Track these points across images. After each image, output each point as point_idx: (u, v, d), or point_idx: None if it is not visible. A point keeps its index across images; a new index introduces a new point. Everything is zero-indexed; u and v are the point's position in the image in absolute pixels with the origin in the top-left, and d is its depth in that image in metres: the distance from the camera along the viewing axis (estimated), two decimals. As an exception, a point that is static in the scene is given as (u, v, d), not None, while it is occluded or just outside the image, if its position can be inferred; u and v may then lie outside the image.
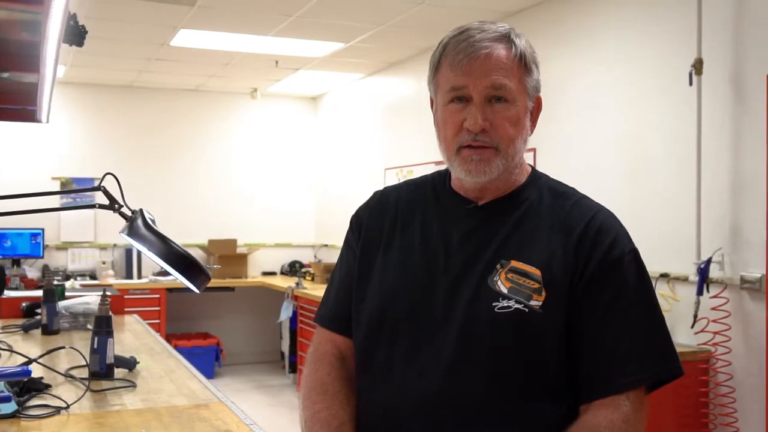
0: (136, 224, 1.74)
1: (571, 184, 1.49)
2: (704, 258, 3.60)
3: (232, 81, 7.68)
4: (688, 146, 3.73)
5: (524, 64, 1.39)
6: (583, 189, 4.94)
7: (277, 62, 6.71)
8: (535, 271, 1.34)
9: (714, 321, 3.53)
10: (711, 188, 3.64)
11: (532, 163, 5.21)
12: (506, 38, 1.38)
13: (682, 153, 3.80)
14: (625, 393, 1.30)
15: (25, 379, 2.26)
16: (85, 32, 1.44)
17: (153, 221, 1.77)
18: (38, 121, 2.20)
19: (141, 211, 1.76)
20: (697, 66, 3.65)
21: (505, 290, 1.33)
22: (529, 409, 1.32)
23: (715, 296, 3.54)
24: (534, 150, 4.92)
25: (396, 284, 1.43)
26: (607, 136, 4.35)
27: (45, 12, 1.17)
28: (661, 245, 3.95)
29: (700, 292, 3.58)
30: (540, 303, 1.32)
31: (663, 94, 3.96)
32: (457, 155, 1.39)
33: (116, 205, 1.77)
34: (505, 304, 1.32)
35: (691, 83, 3.67)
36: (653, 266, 3.93)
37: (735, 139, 3.54)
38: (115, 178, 1.79)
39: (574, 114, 4.62)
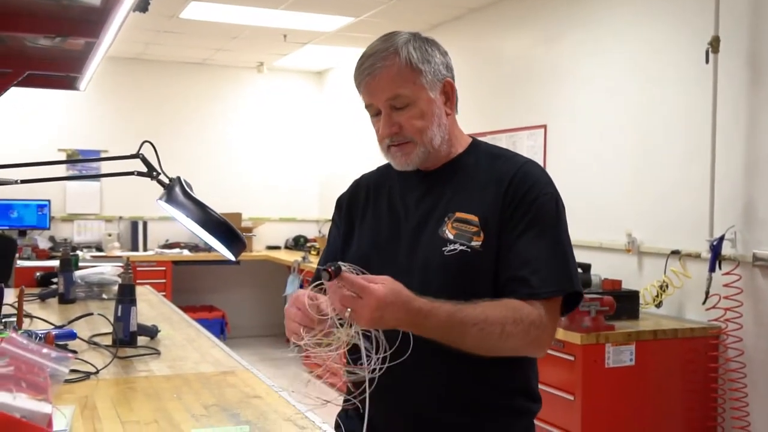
0: (175, 191, 1.76)
1: (583, 161, 1.68)
2: (717, 235, 3.62)
3: (239, 55, 7.65)
4: (703, 124, 3.75)
5: (413, 68, 1.65)
6: (595, 165, 4.95)
7: (285, 36, 6.69)
8: (474, 218, 1.64)
9: (725, 298, 3.57)
10: (725, 166, 3.66)
11: (543, 139, 5.17)
12: (394, 53, 1.64)
13: (697, 130, 3.81)
14: (539, 300, 1.57)
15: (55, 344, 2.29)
16: (150, -3, 1.46)
17: (190, 188, 1.78)
18: (76, 88, 2.19)
19: (179, 178, 1.78)
20: (714, 44, 3.65)
21: (451, 237, 1.64)
22: None
23: (727, 273, 3.57)
24: (545, 126, 4.94)
25: (372, 241, 1.76)
26: (620, 113, 4.36)
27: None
28: (674, 222, 3.98)
29: (712, 269, 3.61)
30: (480, 243, 1.62)
31: (678, 72, 3.97)
32: (387, 152, 1.72)
33: (154, 173, 1.78)
34: (452, 248, 1.62)
35: (707, 61, 3.68)
36: (665, 243, 3.97)
37: (750, 118, 3.55)
38: (153, 146, 1.81)
39: (586, 91, 4.63)
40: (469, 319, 1.50)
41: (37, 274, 4.14)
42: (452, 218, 1.65)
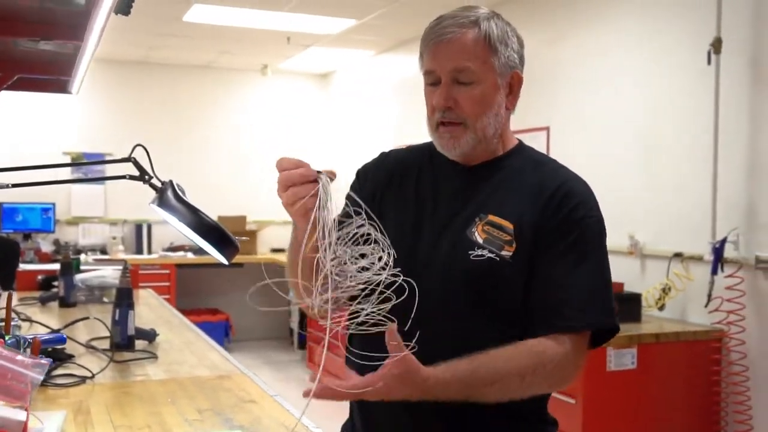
0: (167, 195, 1.75)
1: (585, 163, 1.53)
2: (719, 238, 3.60)
3: (243, 57, 7.66)
4: (705, 125, 3.73)
5: (489, 45, 1.52)
6: (597, 167, 4.93)
7: (289, 39, 6.69)
8: (509, 225, 1.51)
9: (728, 300, 3.54)
10: (727, 168, 3.64)
11: (545, 141, 5.15)
12: (474, 23, 1.51)
13: (699, 132, 3.79)
14: (567, 334, 1.45)
15: (49, 349, 2.29)
16: (133, 0, 1.43)
17: (183, 192, 1.78)
18: (68, 92, 2.19)
19: (171, 182, 1.77)
20: (716, 45, 3.63)
21: (480, 240, 1.51)
22: (494, 337, 1.46)
23: (729, 276, 3.55)
24: (547, 129, 4.92)
25: (395, 224, 1.55)
26: (622, 115, 4.34)
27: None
28: (676, 224, 3.96)
29: (714, 272, 3.59)
30: (510, 253, 1.49)
31: (680, 73, 3.95)
32: (435, 132, 1.57)
33: (146, 176, 1.77)
34: (479, 253, 1.49)
35: (709, 62, 3.65)
36: (667, 246, 3.95)
37: (753, 120, 3.53)
38: (145, 150, 1.80)
39: (589, 92, 4.61)
40: (487, 379, 1.40)
41: (39, 277, 4.13)
42: (484, 220, 1.52)
